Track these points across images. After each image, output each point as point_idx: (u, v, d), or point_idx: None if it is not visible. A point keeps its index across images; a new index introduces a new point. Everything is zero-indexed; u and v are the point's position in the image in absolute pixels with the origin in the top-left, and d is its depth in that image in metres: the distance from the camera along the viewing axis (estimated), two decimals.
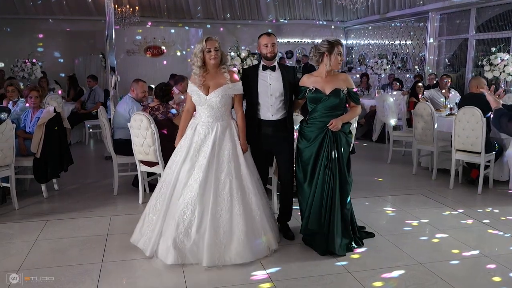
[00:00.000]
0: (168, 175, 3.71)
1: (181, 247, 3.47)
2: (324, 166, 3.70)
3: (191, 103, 3.81)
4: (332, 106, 3.74)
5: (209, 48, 3.62)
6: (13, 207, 4.88)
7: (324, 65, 3.79)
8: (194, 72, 3.70)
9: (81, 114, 8.98)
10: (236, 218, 3.53)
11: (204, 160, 3.58)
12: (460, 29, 11.41)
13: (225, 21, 14.64)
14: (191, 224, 3.49)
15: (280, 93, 3.88)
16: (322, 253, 3.71)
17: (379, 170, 6.89)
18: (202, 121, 3.70)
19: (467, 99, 5.94)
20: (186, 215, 3.50)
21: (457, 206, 5.07)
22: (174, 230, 3.49)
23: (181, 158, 3.66)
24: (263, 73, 3.91)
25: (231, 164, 3.63)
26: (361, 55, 15.35)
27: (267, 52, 3.88)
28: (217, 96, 3.64)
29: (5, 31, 12.99)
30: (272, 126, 3.90)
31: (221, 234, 3.48)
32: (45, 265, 3.54)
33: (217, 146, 3.63)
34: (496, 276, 3.43)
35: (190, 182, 3.57)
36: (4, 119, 4.62)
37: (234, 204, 3.56)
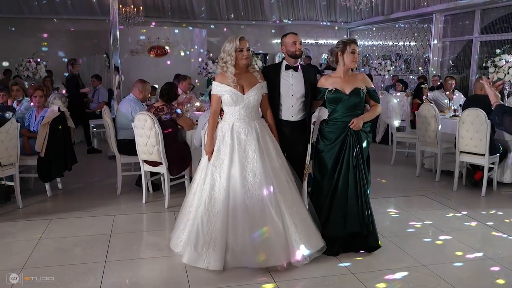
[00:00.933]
0: (216, 183, 3.53)
1: (262, 249, 3.38)
2: (353, 167, 3.69)
3: (219, 104, 3.68)
4: (353, 105, 3.73)
5: (241, 47, 3.57)
6: (17, 205, 4.91)
7: (340, 66, 3.79)
8: (228, 71, 3.57)
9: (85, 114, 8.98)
10: (300, 208, 3.61)
11: (256, 160, 3.51)
12: (465, 31, 11.37)
13: (229, 22, 14.64)
14: (265, 223, 3.41)
15: (301, 94, 3.85)
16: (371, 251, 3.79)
17: (383, 171, 6.88)
18: (239, 121, 3.60)
19: (472, 100, 5.93)
20: (257, 217, 3.42)
21: (461, 208, 5.06)
22: (248, 234, 3.40)
23: (227, 162, 3.53)
24: (286, 73, 3.87)
25: (280, 159, 3.64)
26: (364, 56, 15.32)
27: (296, 50, 3.84)
28: (255, 94, 3.61)
29: (10, 31, 13.03)
30: (291, 126, 3.88)
31: (298, 225, 3.51)
32: (48, 264, 3.55)
33: (263, 144, 3.59)
34: (500, 278, 3.42)
35: (247, 184, 3.47)
36: (9, 118, 4.65)
37: (294, 196, 3.61)
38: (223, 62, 3.62)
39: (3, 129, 4.61)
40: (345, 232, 3.73)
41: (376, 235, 3.85)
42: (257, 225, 3.42)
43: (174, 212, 4.70)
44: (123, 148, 5.40)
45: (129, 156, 5.38)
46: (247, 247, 3.39)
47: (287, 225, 3.46)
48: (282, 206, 3.49)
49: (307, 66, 4.14)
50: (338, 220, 3.72)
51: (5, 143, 4.67)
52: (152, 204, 5.15)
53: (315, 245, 3.59)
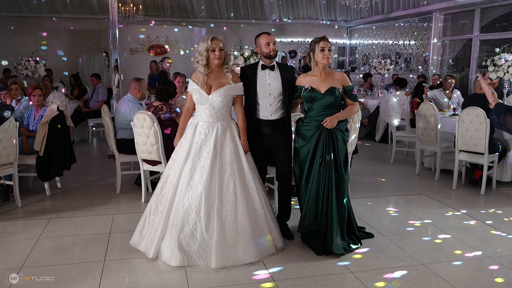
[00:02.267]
0: (170, 176, 3.67)
1: (187, 249, 3.45)
2: (319, 164, 3.70)
3: (191, 102, 3.78)
4: (328, 104, 3.74)
5: (213, 47, 3.60)
6: (16, 205, 4.91)
7: (314, 64, 3.81)
8: (198, 71, 3.67)
9: (84, 113, 9.01)
10: (241, 218, 3.54)
11: (207, 161, 3.56)
12: (464, 30, 11.36)
13: (229, 21, 14.63)
14: (196, 225, 3.47)
15: (279, 92, 3.87)
16: (319, 253, 3.71)
17: (382, 170, 6.88)
18: (202, 120, 3.66)
19: (471, 99, 5.92)
20: (191, 217, 3.48)
21: (460, 207, 5.06)
22: (178, 231, 3.46)
23: (182, 158, 3.63)
24: (262, 72, 3.90)
25: (233, 164, 3.62)
26: (364, 55, 15.31)
27: (270, 50, 3.85)
28: (219, 95, 3.63)
29: (9, 29, 13.02)
30: (270, 125, 3.89)
31: (228, 235, 3.47)
32: (47, 263, 3.55)
33: (219, 147, 3.61)
34: (498, 277, 3.42)
35: (192, 183, 3.55)
36: (7, 117, 4.64)
37: (238, 205, 3.56)
38: (196, 62, 3.69)
39: (2, 128, 4.60)
40: (303, 228, 3.79)
41: (332, 239, 3.66)
42: (188, 226, 3.47)
43: None
44: (122, 147, 5.40)
45: (128, 155, 5.38)
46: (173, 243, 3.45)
47: (212, 232, 3.45)
48: (214, 214, 3.48)
49: (284, 64, 4.13)
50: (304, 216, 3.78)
51: (4, 142, 4.67)
52: None
53: (234, 259, 3.46)
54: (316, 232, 3.75)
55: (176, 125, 5.16)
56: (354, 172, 6.00)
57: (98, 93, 9.24)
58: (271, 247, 3.68)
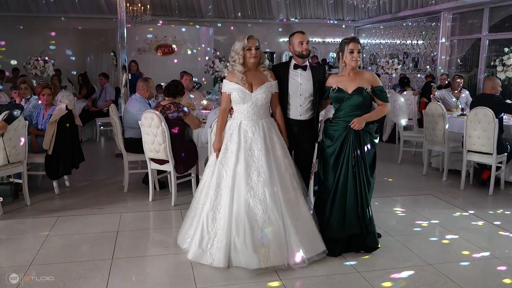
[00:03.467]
0: (223, 181, 3.55)
1: (262, 250, 3.39)
2: (352, 166, 3.65)
3: (228, 102, 3.70)
4: (356, 105, 3.69)
5: (250, 46, 3.59)
6: (25, 203, 4.95)
7: (343, 65, 3.78)
8: (236, 70, 3.62)
9: (92, 112, 9.07)
10: (304, 210, 3.60)
11: (262, 159, 3.52)
12: (473, 29, 11.29)
13: (236, 20, 14.65)
14: (265, 224, 3.41)
15: (309, 93, 3.84)
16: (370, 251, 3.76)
17: (389, 170, 6.86)
18: (246, 119, 3.61)
19: (479, 99, 5.89)
20: (259, 216, 3.42)
21: (468, 207, 5.04)
22: (249, 234, 3.39)
23: (233, 160, 3.55)
24: (294, 72, 3.86)
25: (285, 159, 3.63)
26: (372, 55, 15.27)
27: (303, 49, 3.83)
28: (263, 92, 3.62)
29: (18, 29, 13.13)
30: (299, 125, 3.87)
31: (299, 227, 3.49)
32: (56, 260, 3.58)
33: (269, 143, 3.59)
34: (506, 278, 3.40)
35: (251, 182, 3.48)
36: (17, 116, 4.69)
37: (298, 197, 3.59)
38: (232, 61, 3.66)
39: (11, 127, 4.65)
40: (344, 233, 3.70)
41: (375, 236, 3.79)
42: (258, 225, 3.42)
43: (181, 210, 4.73)
44: (130, 146, 5.43)
45: (136, 154, 5.41)
46: (248, 246, 3.38)
47: (288, 227, 3.45)
48: (284, 207, 3.48)
49: (316, 65, 4.10)
50: (338, 221, 3.70)
51: (13, 141, 4.71)
52: (159, 202, 5.18)
53: (315, 249, 3.56)
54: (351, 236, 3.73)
55: (184, 124, 5.18)
56: None
57: (106, 92, 9.28)
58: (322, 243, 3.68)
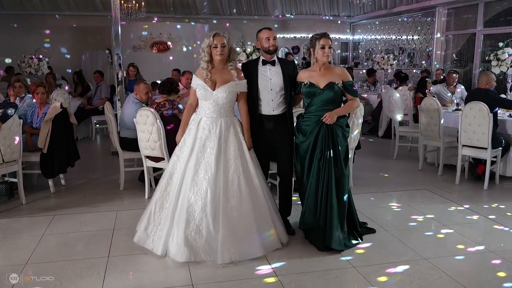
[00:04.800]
0: (175, 172, 3.67)
1: (194, 245, 3.46)
2: (318, 160, 3.71)
3: (195, 97, 3.80)
4: (327, 99, 3.74)
5: (216, 43, 3.61)
6: (20, 202, 4.94)
7: (314, 60, 3.82)
8: (201, 67, 3.70)
9: (87, 110, 9.04)
10: (247, 214, 3.56)
11: (211, 157, 3.57)
12: (468, 24, 11.30)
13: (231, 17, 14.61)
14: (202, 221, 3.48)
15: (280, 87, 3.88)
16: (321, 249, 3.71)
17: (385, 165, 6.88)
18: (206, 116, 3.68)
19: (474, 94, 5.91)
20: (197, 212, 3.49)
21: (463, 202, 5.06)
22: (184, 227, 3.47)
23: (186, 154, 3.64)
24: (263, 68, 3.91)
25: (237, 160, 3.64)
26: (367, 50, 15.26)
27: (269, 45, 3.86)
28: (224, 92, 3.64)
29: (12, 27, 13.04)
30: (273, 121, 3.90)
31: (234, 230, 3.49)
32: (52, 259, 3.58)
33: (223, 143, 3.63)
34: (501, 271, 3.42)
35: (197, 178, 3.56)
36: (11, 114, 4.67)
37: (243, 200, 3.57)
38: (200, 57, 3.72)
39: (6, 125, 4.63)
40: (303, 224, 3.80)
41: (331, 234, 3.66)
42: (194, 221, 3.48)
43: None
44: (126, 145, 5.42)
45: (131, 152, 5.40)
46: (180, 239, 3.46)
47: (218, 228, 3.46)
48: (220, 209, 3.50)
49: (285, 59, 4.13)
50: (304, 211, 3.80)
51: (8, 139, 4.70)
52: None
53: (249, 253, 3.50)
54: (316, 228, 3.75)
55: (179, 121, 5.17)
56: (357, 168, 6.00)
57: (101, 90, 9.26)
58: (276, 241, 3.71)
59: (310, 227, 3.79)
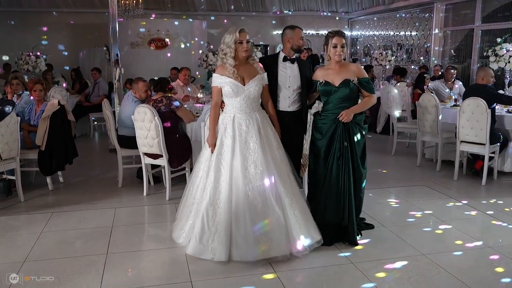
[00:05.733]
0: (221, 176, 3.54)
1: (263, 240, 3.42)
2: (337, 158, 3.69)
3: (220, 96, 3.68)
4: (343, 97, 3.72)
5: (241, 39, 3.57)
6: (19, 199, 4.93)
7: (327, 58, 3.82)
8: (227, 63, 3.58)
9: (85, 107, 9.02)
10: (300, 199, 3.63)
11: (257, 151, 3.52)
12: (466, 20, 11.29)
13: (229, 13, 14.57)
14: (268, 214, 3.44)
15: (297, 85, 3.91)
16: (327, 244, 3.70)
17: (383, 161, 6.88)
18: (240, 112, 3.60)
19: (472, 90, 5.91)
20: (259, 208, 3.45)
21: (461, 198, 5.07)
22: (250, 226, 3.41)
23: (229, 155, 3.54)
24: (283, 64, 3.92)
25: (280, 150, 3.67)
26: (366, 47, 15.24)
27: (303, 44, 3.93)
28: (256, 85, 3.62)
29: (9, 24, 12.99)
30: (288, 117, 3.92)
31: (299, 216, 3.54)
32: (50, 256, 3.58)
33: (264, 136, 3.61)
34: (499, 267, 3.43)
35: (249, 175, 3.49)
36: (8, 112, 4.66)
37: (293, 187, 3.63)
38: (222, 54, 3.62)
39: (3, 123, 4.62)
40: (324, 221, 3.75)
41: (354, 230, 3.75)
42: (258, 217, 3.44)
43: (175, 204, 4.71)
44: (124, 143, 5.41)
45: (129, 149, 5.39)
46: (249, 239, 3.40)
47: (288, 216, 3.48)
48: (283, 197, 3.51)
49: (301, 58, 4.16)
50: (323, 209, 3.77)
51: (5, 137, 4.68)
52: (153, 196, 5.17)
53: (314, 236, 3.61)
54: (337, 225, 3.74)
55: (176, 117, 5.17)
56: None
57: (99, 87, 9.24)
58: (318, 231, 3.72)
59: (332, 224, 3.75)
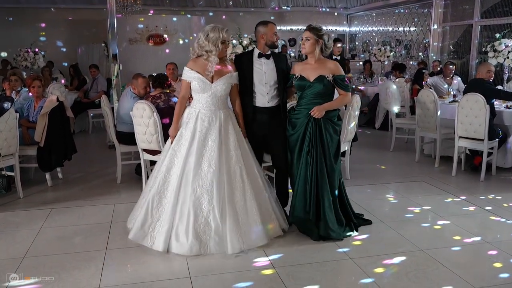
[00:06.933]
0: (174, 167, 3.62)
1: (203, 238, 3.47)
2: (306, 153, 3.73)
3: (188, 90, 3.74)
4: (317, 93, 3.74)
5: (228, 40, 3.63)
6: (18, 195, 4.94)
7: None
8: (210, 60, 3.58)
9: (84, 103, 9.01)
10: (250, 203, 3.61)
11: (214, 150, 3.56)
12: (465, 15, 11.27)
13: (228, 9, 14.53)
14: (209, 213, 3.49)
15: (274, 81, 3.90)
16: (315, 239, 3.75)
17: (382, 157, 6.89)
18: (204, 109, 3.65)
19: (471, 84, 5.91)
20: (204, 205, 3.49)
21: (460, 193, 5.08)
22: (193, 221, 3.46)
23: (185, 148, 3.60)
24: (258, 61, 3.91)
25: (238, 151, 3.66)
26: (364, 42, 15.22)
27: (276, 39, 3.92)
28: (223, 84, 3.64)
29: (8, 21, 12.95)
30: (267, 113, 3.91)
31: (240, 220, 3.54)
32: (50, 252, 3.58)
33: (223, 135, 3.63)
34: (497, 262, 3.45)
35: (201, 171, 3.54)
36: (7, 108, 4.66)
37: (246, 190, 3.62)
38: (203, 50, 3.61)
39: (2, 119, 4.62)
40: (293, 217, 3.83)
41: (326, 226, 3.73)
42: (202, 214, 3.48)
43: None
44: (122, 139, 5.40)
45: (128, 145, 5.39)
46: (190, 233, 3.45)
47: (226, 219, 3.49)
48: (225, 201, 3.53)
49: (277, 53, 4.16)
50: (294, 203, 3.84)
51: (4, 133, 4.68)
52: None
53: (254, 241, 3.59)
54: (306, 220, 3.77)
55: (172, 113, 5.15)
56: (354, 160, 6.01)
57: (97, 83, 9.23)
58: (278, 228, 3.79)
59: (300, 220, 3.81)
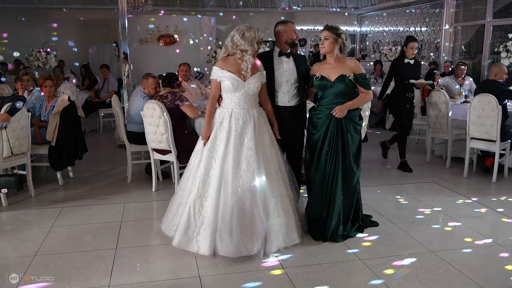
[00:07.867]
0: (211, 170, 3.54)
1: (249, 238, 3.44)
2: (325, 152, 3.72)
3: (219, 90, 3.67)
4: (339, 92, 3.73)
5: (261, 41, 3.66)
6: (29, 194, 4.99)
7: None
8: (249, 61, 3.55)
9: (95, 103, 9.08)
10: (286, 200, 3.63)
11: (251, 148, 3.53)
12: (477, 15, 11.16)
13: (238, 9, 14.56)
14: (253, 212, 3.44)
15: (295, 79, 3.92)
16: (315, 238, 3.77)
17: (392, 158, 6.84)
18: (238, 108, 3.60)
19: (483, 85, 5.86)
20: (246, 204, 3.45)
21: (471, 195, 5.03)
22: (236, 222, 3.39)
23: (222, 149, 3.54)
24: (279, 59, 3.93)
25: (272, 149, 3.66)
26: (375, 42, 15.15)
27: (296, 37, 3.95)
28: (255, 82, 3.63)
29: (20, 21, 13.10)
30: (288, 112, 3.93)
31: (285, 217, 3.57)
32: (60, 250, 3.62)
33: (258, 133, 3.61)
34: (509, 264, 3.41)
35: (240, 171, 3.49)
36: (19, 107, 4.70)
37: (281, 187, 3.64)
38: (238, 49, 3.58)
39: (15, 118, 4.67)
40: (310, 214, 3.84)
41: (330, 226, 3.73)
42: (246, 214, 3.44)
43: None
44: (133, 139, 5.44)
45: (138, 145, 5.42)
46: (235, 234, 3.41)
47: (270, 216, 3.49)
48: (269, 197, 3.52)
49: (296, 53, 4.17)
50: (311, 202, 3.86)
51: (16, 132, 4.73)
52: (162, 192, 5.20)
53: (292, 239, 3.61)
54: (318, 218, 3.78)
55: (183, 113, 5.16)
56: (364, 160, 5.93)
57: (108, 83, 9.30)
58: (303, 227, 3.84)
59: (314, 217, 3.82)
